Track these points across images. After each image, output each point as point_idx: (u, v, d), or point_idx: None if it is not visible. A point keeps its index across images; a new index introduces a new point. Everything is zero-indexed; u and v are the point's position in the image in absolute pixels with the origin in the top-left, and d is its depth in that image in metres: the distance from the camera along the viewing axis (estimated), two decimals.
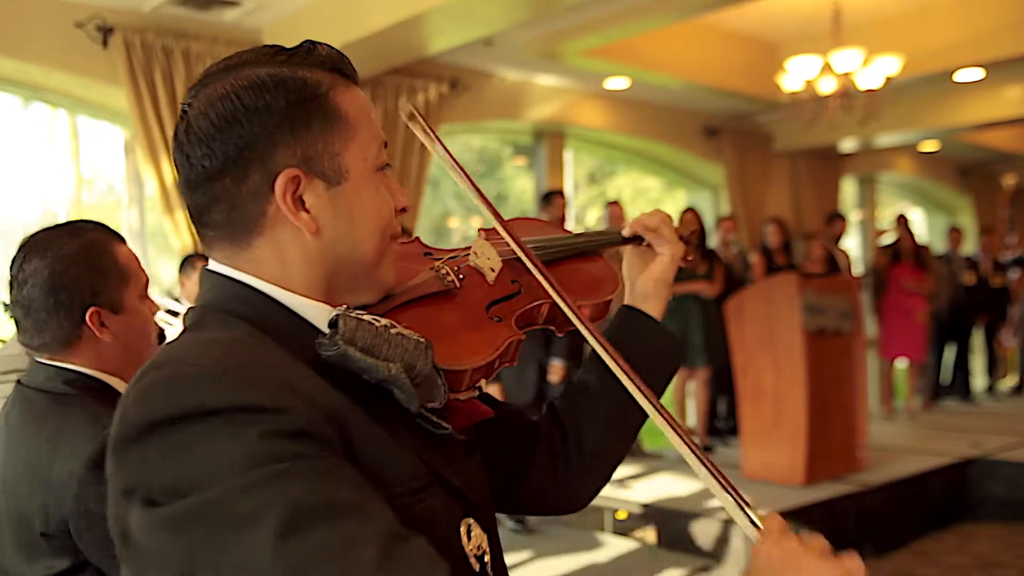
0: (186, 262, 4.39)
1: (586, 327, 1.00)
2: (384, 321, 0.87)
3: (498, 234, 1.08)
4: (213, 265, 0.91)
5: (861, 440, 5.37)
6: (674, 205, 8.61)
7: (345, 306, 0.87)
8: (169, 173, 4.86)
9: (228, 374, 0.75)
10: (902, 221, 7.64)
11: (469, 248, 1.12)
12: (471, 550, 0.87)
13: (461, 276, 1.06)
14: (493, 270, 1.08)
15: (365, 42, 4.68)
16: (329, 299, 0.90)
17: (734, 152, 7.98)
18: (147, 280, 1.54)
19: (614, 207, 6.18)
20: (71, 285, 1.43)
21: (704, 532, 4.51)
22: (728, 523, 4.42)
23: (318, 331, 0.86)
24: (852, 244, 9.70)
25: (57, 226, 1.50)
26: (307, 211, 0.87)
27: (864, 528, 4.85)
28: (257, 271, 0.88)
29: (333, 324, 0.84)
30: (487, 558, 0.89)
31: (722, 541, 4.43)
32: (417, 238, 1.13)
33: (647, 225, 1.19)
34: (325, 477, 0.72)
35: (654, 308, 1.18)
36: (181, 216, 4.89)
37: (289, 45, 0.93)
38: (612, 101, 7.24)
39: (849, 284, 5.70)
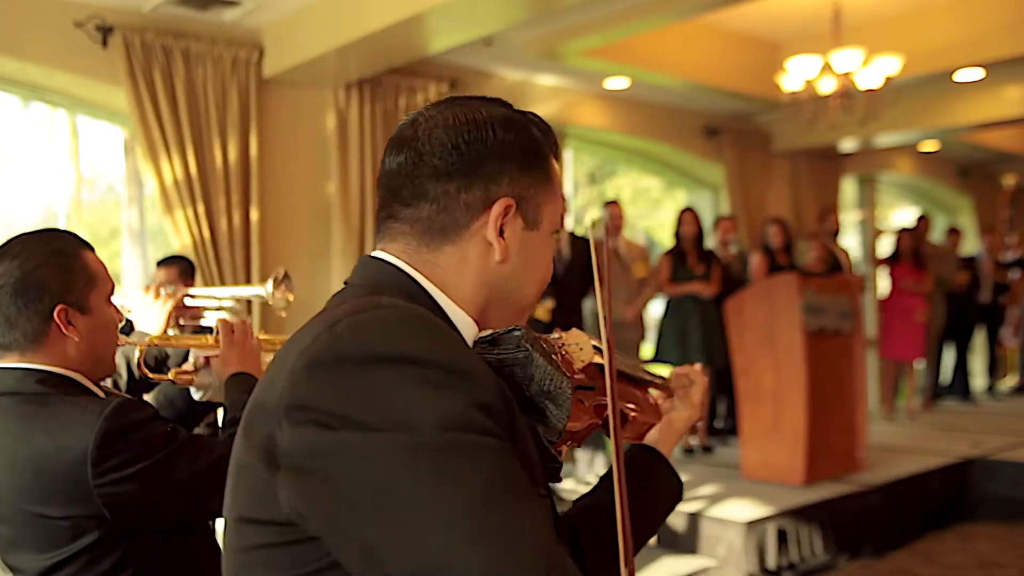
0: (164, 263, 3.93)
1: (615, 441, 1.03)
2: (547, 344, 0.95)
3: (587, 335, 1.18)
4: (381, 255, 0.96)
5: (861, 440, 5.37)
6: (674, 205, 8.61)
7: (495, 330, 0.95)
8: (169, 173, 4.85)
9: (444, 335, 0.82)
10: (922, 223, 7.65)
11: (561, 334, 1.20)
12: None
13: (563, 352, 1.14)
14: (583, 361, 1.16)
15: (365, 42, 4.68)
16: (479, 322, 0.97)
17: (734, 152, 7.97)
18: (112, 286, 1.63)
19: (613, 207, 6.18)
20: (41, 284, 1.51)
21: (704, 532, 4.51)
22: (727, 523, 4.42)
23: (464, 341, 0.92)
24: (852, 244, 9.70)
25: (29, 233, 1.59)
26: (503, 239, 0.95)
27: (864, 528, 4.85)
28: (431, 273, 0.95)
29: (509, 331, 0.91)
30: None
31: (722, 541, 4.42)
32: None
33: (687, 376, 1.32)
34: (511, 461, 0.77)
35: (663, 451, 1.29)
36: (181, 216, 4.89)
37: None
38: (612, 101, 7.24)
39: (849, 284, 5.70)
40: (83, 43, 4.69)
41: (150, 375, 1.93)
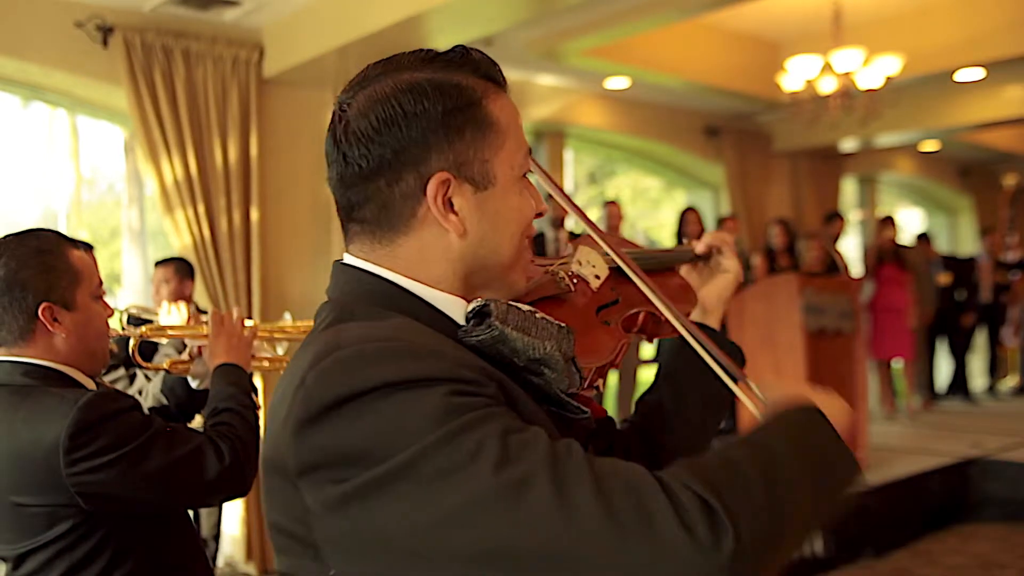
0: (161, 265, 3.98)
1: (688, 329, 1.04)
2: (526, 307, 0.92)
3: (595, 243, 1.12)
4: (349, 259, 0.95)
5: (861, 440, 5.37)
6: (674, 205, 8.61)
7: (481, 300, 0.92)
8: (169, 173, 4.85)
9: (404, 350, 0.80)
10: (888, 222, 7.63)
11: (567, 256, 1.16)
12: None
13: (574, 281, 1.11)
14: (598, 277, 1.12)
15: (365, 42, 4.68)
16: (464, 295, 0.94)
17: (734, 152, 7.97)
18: (100, 282, 1.66)
19: (612, 207, 6.18)
20: (25, 283, 1.54)
21: None
22: None
23: (455, 323, 0.91)
24: (852, 244, 9.70)
25: (12, 234, 1.61)
26: (455, 213, 0.90)
27: (864, 528, 4.85)
28: (394, 265, 0.92)
29: (482, 310, 0.89)
30: None
31: None
32: None
33: (721, 239, 1.29)
34: (514, 417, 0.79)
35: (714, 321, 1.28)
36: (181, 216, 4.89)
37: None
38: (612, 101, 7.24)
39: (849, 284, 5.70)
40: (83, 43, 4.69)
41: (144, 364, 1.95)
